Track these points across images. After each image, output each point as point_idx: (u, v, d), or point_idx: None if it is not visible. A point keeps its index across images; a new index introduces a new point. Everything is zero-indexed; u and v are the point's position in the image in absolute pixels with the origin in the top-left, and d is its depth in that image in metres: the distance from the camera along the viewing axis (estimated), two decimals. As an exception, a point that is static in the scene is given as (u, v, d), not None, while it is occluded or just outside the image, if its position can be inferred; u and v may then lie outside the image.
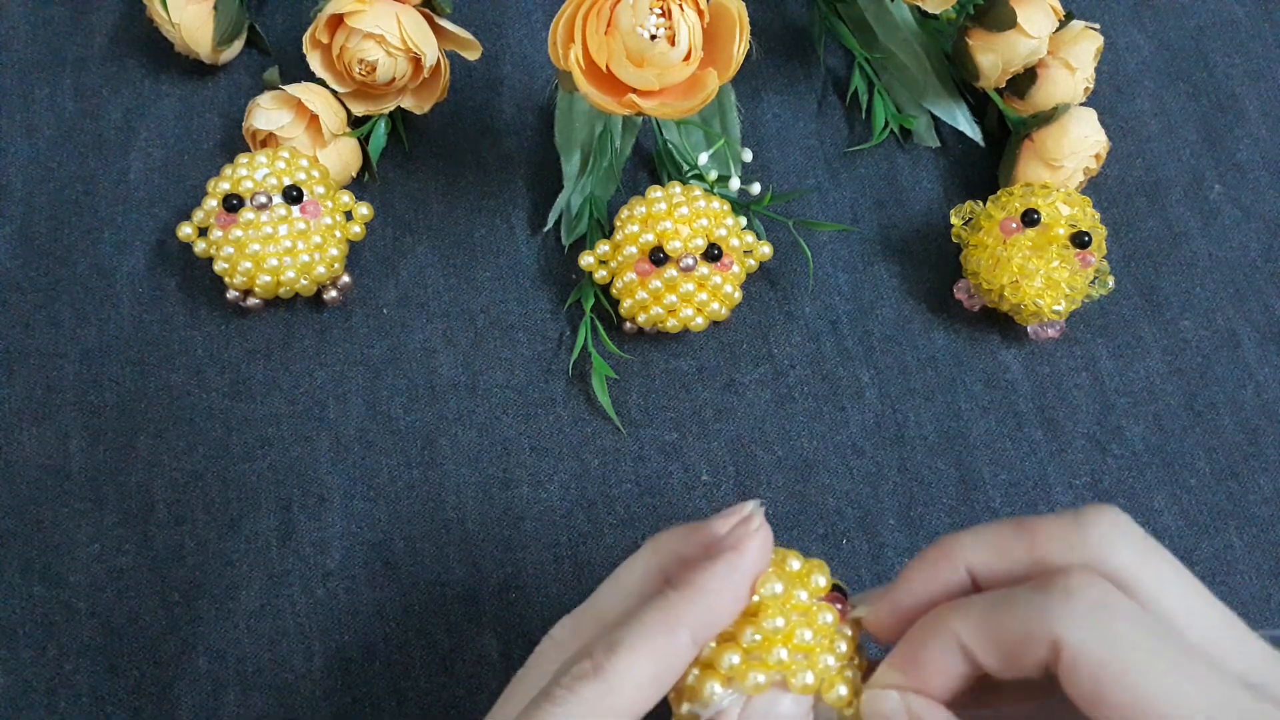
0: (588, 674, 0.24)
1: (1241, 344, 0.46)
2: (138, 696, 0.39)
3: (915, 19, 0.49)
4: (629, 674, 0.24)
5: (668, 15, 0.37)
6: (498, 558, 0.41)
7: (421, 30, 0.44)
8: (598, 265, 0.43)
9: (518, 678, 0.27)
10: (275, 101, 0.45)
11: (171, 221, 0.47)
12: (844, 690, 0.26)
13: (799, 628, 0.26)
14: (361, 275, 0.46)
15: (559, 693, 0.24)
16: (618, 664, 0.24)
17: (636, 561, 0.28)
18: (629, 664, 0.24)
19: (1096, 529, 0.24)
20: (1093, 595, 0.22)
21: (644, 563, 0.27)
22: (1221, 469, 0.43)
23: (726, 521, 0.27)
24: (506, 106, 0.50)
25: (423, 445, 0.43)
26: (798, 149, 0.49)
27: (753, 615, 0.26)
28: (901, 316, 0.46)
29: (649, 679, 0.24)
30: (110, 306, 0.45)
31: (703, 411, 0.44)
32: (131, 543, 0.41)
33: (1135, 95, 0.51)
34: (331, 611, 0.40)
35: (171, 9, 0.46)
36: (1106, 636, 0.22)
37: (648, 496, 0.42)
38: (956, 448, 0.44)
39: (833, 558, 0.42)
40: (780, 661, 0.26)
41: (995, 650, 0.24)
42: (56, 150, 0.48)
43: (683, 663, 0.25)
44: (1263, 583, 0.42)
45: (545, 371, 0.44)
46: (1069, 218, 0.42)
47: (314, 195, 0.43)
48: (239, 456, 0.43)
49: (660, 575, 0.27)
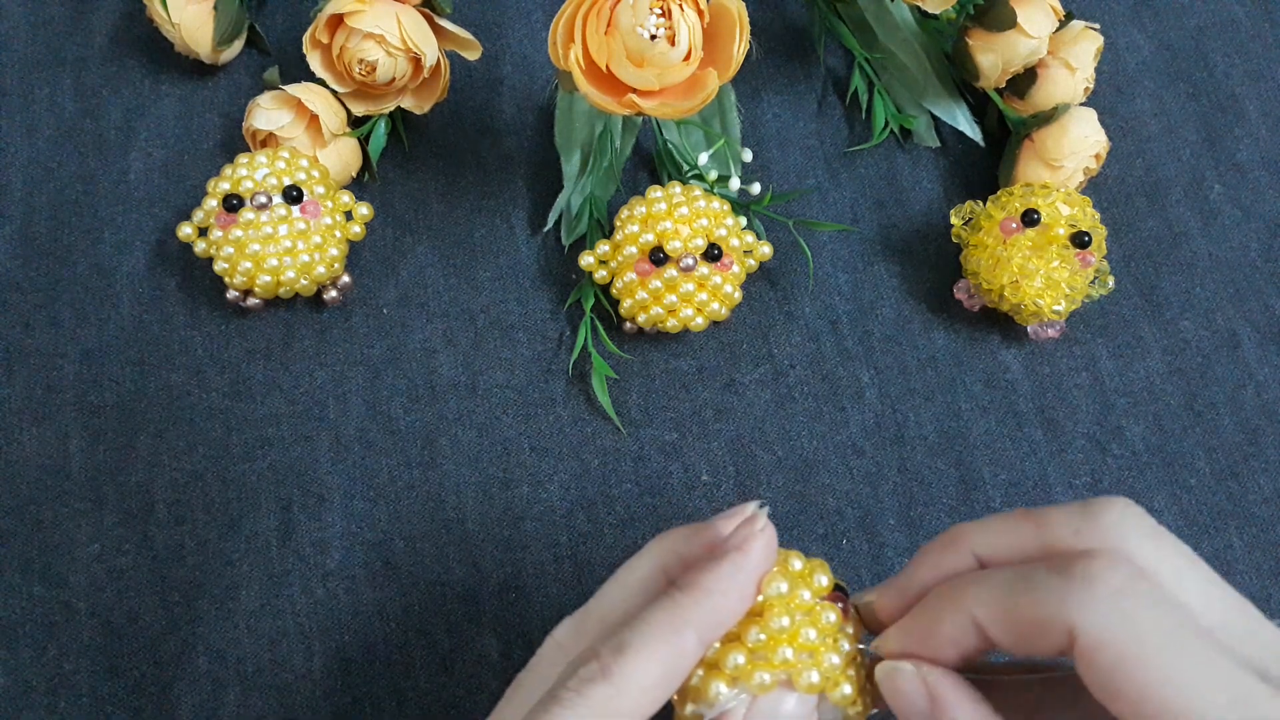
0: (595, 676, 0.24)
1: (1241, 344, 0.46)
2: (138, 696, 0.39)
3: (915, 19, 0.49)
4: (637, 676, 0.24)
5: (668, 15, 0.37)
6: (498, 558, 0.41)
7: (421, 30, 0.44)
8: (598, 265, 0.43)
9: (519, 679, 0.27)
10: (275, 101, 0.45)
11: (171, 221, 0.47)
12: (848, 689, 0.26)
13: (804, 627, 0.26)
14: (361, 275, 0.46)
15: (566, 695, 0.24)
16: (625, 666, 0.24)
17: (639, 562, 0.28)
18: (637, 666, 0.24)
19: (1107, 517, 0.24)
20: (1114, 582, 0.22)
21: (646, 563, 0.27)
22: (1221, 469, 0.43)
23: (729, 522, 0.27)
24: (506, 106, 0.50)
25: (423, 445, 0.43)
26: (798, 149, 0.49)
27: (757, 615, 0.27)
28: (901, 316, 0.46)
29: (656, 680, 0.24)
30: (110, 306, 0.45)
31: (703, 411, 0.44)
32: (131, 543, 0.41)
33: (1135, 95, 0.51)
34: (331, 611, 0.40)
35: (171, 9, 0.46)
36: (1126, 626, 0.22)
37: (648, 496, 0.42)
38: (956, 448, 0.44)
39: (833, 558, 0.42)
40: (786, 661, 0.26)
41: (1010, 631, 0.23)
42: (56, 150, 0.48)
43: (689, 664, 0.25)
44: (1263, 583, 0.42)
45: (545, 371, 0.44)
46: (1069, 218, 0.42)
47: (314, 195, 0.43)
48: (239, 456, 0.43)
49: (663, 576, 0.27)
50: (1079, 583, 0.22)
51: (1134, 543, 0.23)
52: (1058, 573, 0.23)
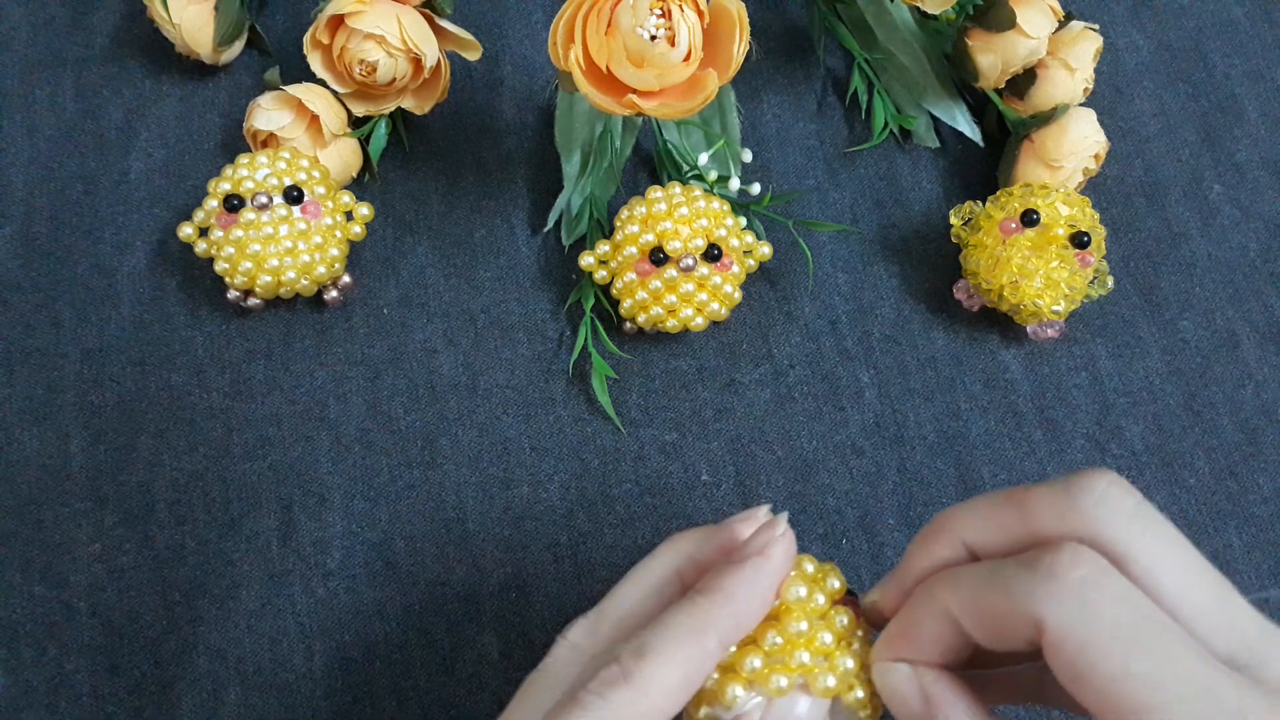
0: (617, 680, 0.24)
1: (1241, 344, 0.46)
2: (138, 696, 0.39)
3: (915, 19, 0.49)
4: (658, 679, 0.24)
5: (668, 16, 0.37)
6: (498, 558, 0.41)
7: (422, 31, 0.44)
8: (598, 265, 0.43)
9: (531, 680, 0.26)
10: (276, 102, 0.45)
11: (172, 221, 0.47)
12: (861, 692, 0.26)
13: (819, 631, 0.26)
14: (362, 275, 0.46)
15: (588, 698, 0.24)
16: (647, 669, 0.24)
17: (653, 564, 0.28)
18: (658, 669, 0.24)
19: (1089, 497, 0.24)
20: (1076, 575, 0.22)
21: (660, 565, 0.28)
22: (1220, 469, 0.43)
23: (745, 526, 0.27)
24: (506, 106, 0.50)
25: (423, 445, 0.43)
26: (798, 149, 0.49)
27: (773, 619, 0.27)
28: (901, 316, 0.46)
29: (678, 684, 0.24)
30: (111, 306, 0.45)
31: (703, 411, 0.44)
32: (132, 542, 0.41)
33: (1135, 95, 0.51)
34: (332, 611, 0.40)
35: (172, 9, 0.46)
36: (1088, 619, 0.22)
37: (648, 496, 0.43)
38: (956, 448, 0.44)
39: (833, 558, 0.42)
40: (802, 665, 0.26)
41: (983, 626, 0.24)
42: (57, 150, 0.48)
43: (710, 667, 0.25)
44: (1263, 582, 0.42)
45: (545, 371, 0.45)
46: (1068, 218, 0.42)
47: (314, 195, 0.43)
48: (239, 456, 0.43)
49: (677, 578, 0.27)
50: (1043, 576, 0.22)
51: (1114, 525, 0.23)
52: (1025, 566, 0.23)
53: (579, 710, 0.23)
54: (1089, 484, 0.24)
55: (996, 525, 0.25)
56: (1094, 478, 0.24)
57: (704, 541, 0.27)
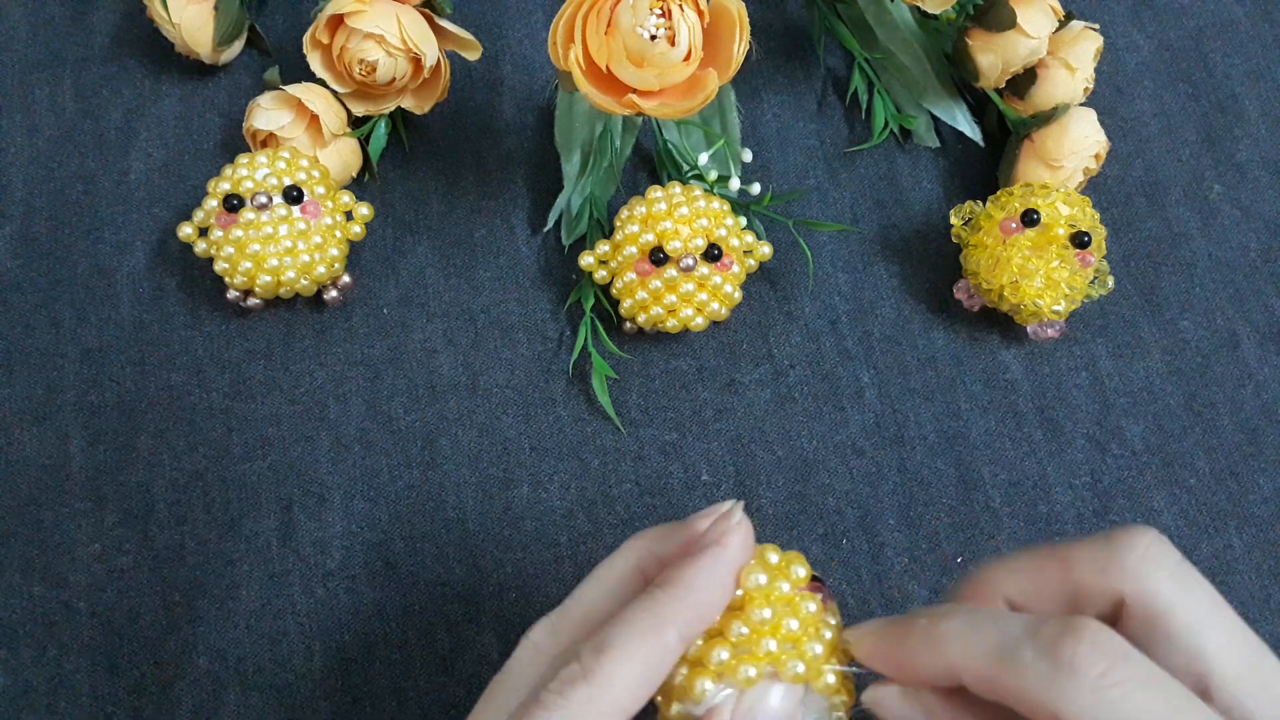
0: (577, 678, 0.24)
1: (1241, 344, 0.46)
2: (138, 696, 0.39)
3: (915, 19, 0.49)
4: (618, 676, 0.24)
5: (668, 15, 0.37)
6: (498, 558, 0.41)
7: (421, 30, 0.44)
8: (598, 265, 0.43)
9: (495, 682, 0.26)
10: (275, 102, 0.45)
11: (172, 221, 0.47)
12: (832, 678, 0.26)
13: (785, 618, 0.26)
14: (361, 275, 0.46)
15: (549, 698, 0.24)
16: (606, 666, 0.24)
17: (615, 561, 0.28)
18: (618, 665, 0.24)
19: (1131, 554, 0.24)
20: (1098, 668, 0.22)
21: (622, 562, 0.27)
22: (1221, 469, 0.43)
23: (705, 520, 0.27)
24: (506, 106, 0.50)
25: (423, 445, 0.43)
26: (798, 149, 0.49)
27: (738, 610, 0.27)
28: (901, 316, 0.46)
29: (638, 679, 0.24)
30: (110, 306, 0.45)
31: (703, 411, 0.44)
32: (132, 542, 0.41)
33: (1135, 95, 0.51)
34: (332, 611, 0.40)
35: (172, 9, 0.46)
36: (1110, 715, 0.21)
37: (648, 496, 0.43)
38: (956, 448, 0.44)
39: (833, 558, 0.42)
40: (770, 653, 0.26)
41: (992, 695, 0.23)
42: (57, 150, 0.48)
43: (671, 661, 0.25)
44: (1263, 583, 0.42)
45: (545, 371, 0.45)
46: (1069, 218, 0.42)
47: (314, 195, 0.43)
48: (239, 456, 0.43)
49: (639, 575, 0.27)
50: (1064, 671, 0.22)
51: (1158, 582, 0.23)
52: (1044, 656, 0.22)
53: (541, 710, 0.23)
54: (1131, 541, 0.24)
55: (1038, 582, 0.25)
56: (1136, 535, 0.24)
57: (666, 538, 0.27)
